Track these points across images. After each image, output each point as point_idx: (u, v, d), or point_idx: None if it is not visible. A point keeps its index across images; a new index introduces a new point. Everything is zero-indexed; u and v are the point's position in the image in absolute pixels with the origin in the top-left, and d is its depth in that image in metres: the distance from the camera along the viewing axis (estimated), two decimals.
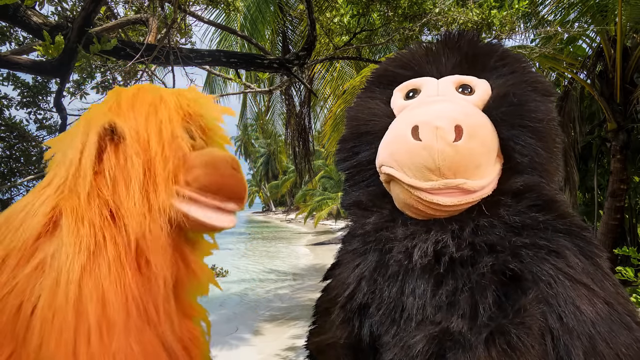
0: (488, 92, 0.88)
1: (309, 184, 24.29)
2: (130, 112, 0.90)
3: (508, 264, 0.74)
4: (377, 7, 4.06)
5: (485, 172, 0.79)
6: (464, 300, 0.74)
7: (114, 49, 2.41)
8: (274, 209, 47.01)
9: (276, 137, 16.55)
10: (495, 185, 0.82)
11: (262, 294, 9.88)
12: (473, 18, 3.81)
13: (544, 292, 0.72)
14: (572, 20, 6.32)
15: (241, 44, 7.20)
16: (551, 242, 0.76)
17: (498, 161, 0.83)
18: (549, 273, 0.73)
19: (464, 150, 0.74)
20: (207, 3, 3.69)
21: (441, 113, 0.77)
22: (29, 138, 3.40)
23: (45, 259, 0.77)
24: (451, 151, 0.74)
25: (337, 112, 8.22)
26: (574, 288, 0.71)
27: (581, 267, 0.74)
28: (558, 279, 0.72)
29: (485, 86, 0.89)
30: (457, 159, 0.74)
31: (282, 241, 21.15)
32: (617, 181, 6.35)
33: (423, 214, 0.82)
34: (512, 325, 0.69)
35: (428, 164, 0.75)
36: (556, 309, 0.70)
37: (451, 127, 0.74)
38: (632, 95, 6.21)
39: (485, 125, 0.80)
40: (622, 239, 6.73)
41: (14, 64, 2.34)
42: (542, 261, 0.74)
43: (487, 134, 0.79)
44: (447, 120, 0.75)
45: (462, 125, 0.75)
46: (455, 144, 0.74)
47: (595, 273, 0.74)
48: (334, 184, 24.44)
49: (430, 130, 0.74)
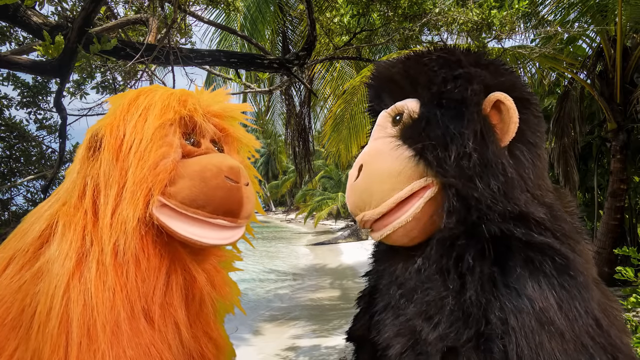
0: (410, 114, 0.85)
1: (309, 184, 24.29)
2: (123, 117, 0.89)
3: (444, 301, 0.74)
4: (377, 7, 4.06)
5: (381, 199, 0.83)
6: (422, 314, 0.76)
7: (114, 49, 2.41)
8: (274, 209, 47.01)
9: (276, 137, 16.57)
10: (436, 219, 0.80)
11: (262, 294, 9.88)
12: (473, 18, 3.81)
13: (498, 329, 0.67)
14: (572, 20, 6.32)
15: (241, 44, 7.20)
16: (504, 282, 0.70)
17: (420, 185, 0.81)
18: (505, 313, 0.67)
19: (357, 187, 0.86)
20: (207, 3, 3.69)
21: (358, 159, 0.90)
22: (29, 138, 3.41)
23: (42, 265, 0.80)
24: (351, 192, 0.88)
25: (337, 112, 8.22)
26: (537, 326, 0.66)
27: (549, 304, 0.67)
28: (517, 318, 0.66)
29: (410, 108, 0.86)
30: (355, 196, 0.87)
31: (282, 241, 21.15)
32: (617, 181, 6.35)
33: None
34: (466, 349, 0.68)
35: (349, 206, 0.91)
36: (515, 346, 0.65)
37: (356, 170, 0.87)
38: (632, 95, 6.21)
39: (380, 155, 0.85)
40: (622, 239, 6.73)
41: (14, 64, 2.34)
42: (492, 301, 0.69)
43: (379, 164, 0.84)
44: (356, 165, 0.88)
45: (363, 163, 0.86)
46: (354, 183, 0.87)
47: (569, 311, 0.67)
48: (334, 184, 24.44)
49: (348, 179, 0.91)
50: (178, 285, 0.87)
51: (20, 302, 0.78)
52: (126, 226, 0.80)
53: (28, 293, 0.78)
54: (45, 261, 0.80)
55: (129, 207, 0.81)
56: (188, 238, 0.85)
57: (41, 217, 0.87)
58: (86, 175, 0.86)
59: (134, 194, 0.82)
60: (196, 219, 0.85)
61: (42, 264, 0.80)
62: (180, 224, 0.84)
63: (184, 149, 0.91)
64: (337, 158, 9.90)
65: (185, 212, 0.84)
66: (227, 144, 1.02)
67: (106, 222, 0.81)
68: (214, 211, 0.86)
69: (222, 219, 0.87)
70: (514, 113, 0.78)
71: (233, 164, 0.90)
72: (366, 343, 0.92)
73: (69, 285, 0.76)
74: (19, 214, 3.31)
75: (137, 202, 0.82)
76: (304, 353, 6.00)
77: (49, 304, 0.75)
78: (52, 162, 3.48)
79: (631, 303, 2.38)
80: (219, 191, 0.86)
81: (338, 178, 24.59)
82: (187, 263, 0.89)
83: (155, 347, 0.79)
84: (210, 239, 0.86)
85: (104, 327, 0.74)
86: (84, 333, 0.73)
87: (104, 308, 0.75)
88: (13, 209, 3.46)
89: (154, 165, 0.84)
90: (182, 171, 0.86)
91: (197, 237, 0.85)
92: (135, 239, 0.81)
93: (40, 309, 0.75)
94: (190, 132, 0.94)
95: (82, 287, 0.76)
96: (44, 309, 0.75)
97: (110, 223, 0.81)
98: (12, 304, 0.78)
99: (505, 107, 0.79)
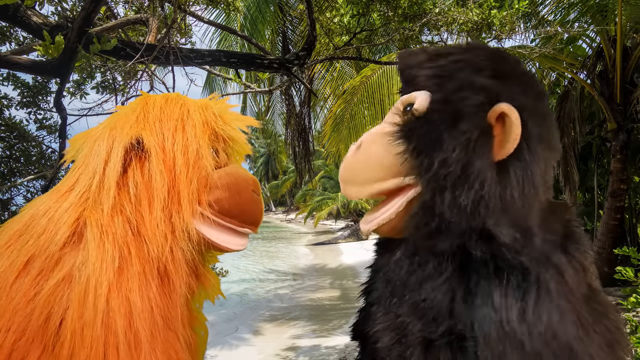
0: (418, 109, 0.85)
1: (309, 184, 24.30)
2: (157, 126, 0.89)
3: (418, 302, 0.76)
4: (377, 7, 4.06)
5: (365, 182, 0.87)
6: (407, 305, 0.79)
7: (114, 49, 2.41)
8: (274, 209, 47.02)
9: (276, 137, 16.56)
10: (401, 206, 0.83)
11: (262, 294, 9.89)
12: (473, 18, 3.81)
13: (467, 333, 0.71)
14: (572, 20, 6.33)
15: (241, 44, 7.21)
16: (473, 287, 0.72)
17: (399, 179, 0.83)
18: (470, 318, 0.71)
19: (348, 161, 0.92)
20: (207, 3, 3.69)
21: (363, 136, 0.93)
22: (29, 138, 3.41)
23: (71, 271, 0.77)
24: (344, 162, 0.94)
25: (337, 112, 8.23)
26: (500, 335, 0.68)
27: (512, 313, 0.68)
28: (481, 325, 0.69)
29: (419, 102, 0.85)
30: (344, 169, 0.93)
31: (282, 241, 21.16)
32: (617, 181, 6.36)
33: None
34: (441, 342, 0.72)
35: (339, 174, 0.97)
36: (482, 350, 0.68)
37: (357, 146, 0.91)
38: (632, 95, 6.22)
39: (377, 141, 0.87)
40: (622, 239, 6.73)
41: (14, 64, 2.34)
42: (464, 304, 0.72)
43: (373, 149, 0.87)
44: (360, 140, 0.92)
45: (362, 143, 0.91)
46: (348, 156, 0.92)
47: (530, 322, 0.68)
48: (334, 184, 24.44)
49: None
50: (190, 290, 0.90)
51: (42, 308, 0.75)
52: (174, 239, 0.84)
53: (54, 299, 0.75)
54: (73, 267, 0.78)
55: (180, 220, 0.85)
56: (217, 244, 0.91)
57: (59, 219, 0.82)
58: (125, 181, 0.84)
59: (184, 206, 0.85)
60: (228, 227, 0.93)
61: (70, 270, 0.77)
62: (216, 233, 0.91)
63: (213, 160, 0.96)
64: (337, 158, 9.90)
65: (220, 221, 0.92)
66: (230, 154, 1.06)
67: (151, 232, 0.82)
68: (244, 221, 0.95)
69: (247, 228, 0.97)
70: (516, 128, 0.76)
71: (253, 177, 1.00)
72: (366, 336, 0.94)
73: (110, 293, 0.75)
74: None
75: (188, 216, 0.85)
76: (304, 353, 6.00)
77: (85, 309, 0.74)
78: (52, 162, 3.48)
79: (631, 303, 2.37)
80: (250, 203, 0.96)
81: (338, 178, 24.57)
82: (201, 268, 0.93)
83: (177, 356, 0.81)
84: (235, 245, 0.95)
85: (143, 334, 0.76)
86: (124, 339, 0.74)
87: (143, 316, 0.77)
88: (13, 209, 3.46)
89: (201, 177, 0.89)
90: (216, 182, 0.92)
91: (226, 243, 0.92)
92: (177, 254, 0.84)
93: (73, 315, 0.74)
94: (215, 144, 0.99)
95: (123, 294, 0.76)
96: (78, 314, 0.74)
97: (155, 236, 0.82)
98: (33, 311, 0.75)
99: (509, 121, 0.77)
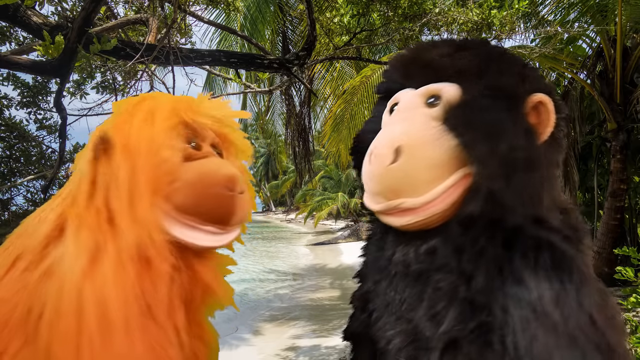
0: (452, 100, 0.84)
1: (309, 184, 24.30)
2: (127, 120, 0.91)
3: (456, 287, 0.75)
4: (377, 7, 4.06)
5: (425, 188, 0.80)
6: (424, 308, 0.77)
7: (114, 49, 2.41)
8: (274, 209, 47.04)
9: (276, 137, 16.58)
10: (459, 204, 0.80)
11: (262, 294, 9.89)
12: (473, 18, 3.81)
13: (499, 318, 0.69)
14: (572, 20, 6.33)
15: (241, 44, 7.21)
16: (511, 271, 0.72)
17: (463, 173, 0.80)
18: (505, 302, 0.70)
19: (397, 172, 0.81)
20: (207, 3, 3.69)
21: (386, 138, 0.85)
22: (29, 138, 3.41)
23: (52, 264, 0.80)
24: (386, 174, 0.82)
25: (337, 112, 8.23)
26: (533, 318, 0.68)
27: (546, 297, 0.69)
28: (515, 307, 0.69)
29: (452, 93, 0.84)
30: (392, 181, 0.82)
31: (282, 241, 21.17)
32: (617, 181, 6.35)
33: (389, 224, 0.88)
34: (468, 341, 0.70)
35: (373, 188, 0.85)
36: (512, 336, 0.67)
37: (390, 151, 0.81)
38: (632, 95, 6.22)
39: (426, 140, 0.81)
40: (622, 239, 6.73)
41: (14, 64, 2.34)
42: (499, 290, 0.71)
43: (425, 150, 0.80)
44: (388, 145, 0.82)
45: (402, 146, 0.81)
46: (390, 166, 0.81)
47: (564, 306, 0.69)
48: (334, 184, 24.46)
49: (375, 157, 0.84)
50: (182, 287, 0.87)
51: (25, 301, 0.78)
52: (143, 226, 0.82)
53: (35, 292, 0.78)
54: (54, 260, 0.80)
55: (144, 207, 0.83)
56: (185, 240, 0.86)
57: (46, 218, 0.87)
58: (95, 175, 0.87)
59: (146, 195, 0.84)
60: (187, 224, 0.87)
61: (51, 263, 0.80)
62: (177, 228, 0.86)
63: (185, 152, 0.92)
64: (337, 158, 9.91)
65: (179, 218, 0.86)
66: (225, 149, 1.04)
67: (123, 221, 0.82)
68: (204, 219, 0.87)
69: (211, 226, 0.88)
70: (552, 116, 0.79)
71: (229, 172, 0.91)
72: (364, 342, 0.92)
73: (83, 281, 0.76)
74: (19, 214, 3.31)
75: (148, 204, 0.84)
76: (304, 353, 6.00)
77: (61, 300, 0.76)
78: (52, 162, 3.48)
79: (631, 303, 2.37)
80: (210, 200, 0.87)
81: (338, 178, 24.60)
82: (194, 264, 0.90)
83: (161, 346, 0.80)
84: (202, 241, 0.88)
85: (117, 322, 0.75)
86: (96, 328, 0.74)
87: (117, 304, 0.76)
88: (13, 209, 3.46)
89: (160, 169, 0.86)
90: (180, 176, 0.88)
91: (190, 238, 0.86)
92: (149, 240, 0.82)
93: (50, 307, 0.76)
94: (192, 136, 0.96)
95: (97, 283, 0.77)
96: (54, 306, 0.76)
97: (127, 222, 0.82)
98: (17, 304, 0.78)
99: (546, 110, 0.80)
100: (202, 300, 0.93)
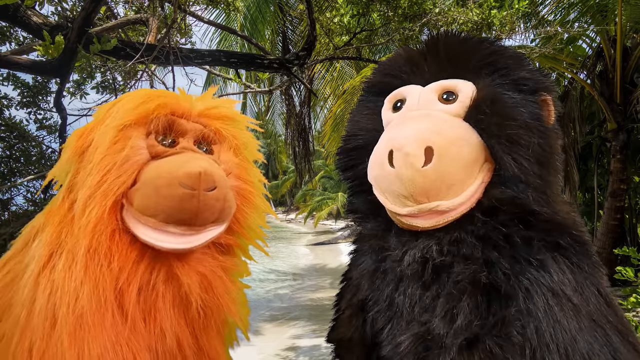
0: (471, 96, 0.83)
1: (309, 184, 24.29)
2: (101, 121, 0.92)
3: (479, 275, 0.74)
4: (377, 7, 4.06)
5: (461, 188, 0.78)
6: (441, 305, 0.76)
7: (114, 49, 2.41)
8: (274, 209, 47.05)
9: (276, 137, 16.57)
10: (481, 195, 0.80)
11: (262, 294, 9.88)
12: (473, 18, 3.81)
13: (522, 304, 0.70)
14: (572, 20, 6.32)
15: (241, 44, 7.20)
16: (532, 256, 0.73)
17: (486, 168, 0.81)
18: (527, 286, 0.70)
19: (432, 175, 0.76)
20: (207, 3, 3.69)
21: (412, 136, 0.78)
22: (29, 138, 3.40)
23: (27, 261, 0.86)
24: (420, 177, 0.76)
25: (337, 112, 8.22)
26: (555, 302, 0.69)
27: (567, 281, 0.70)
28: (537, 292, 0.69)
29: (469, 90, 0.84)
30: (427, 184, 0.76)
31: (282, 241, 21.14)
32: (617, 181, 6.35)
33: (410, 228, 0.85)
34: (488, 336, 0.69)
35: (402, 191, 0.78)
36: (534, 322, 0.68)
37: (421, 151, 0.76)
38: (632, 95, 6.22)
39: (459, 139, 0.79)
40: (622, 239, 6.73)
41: (14, 64, 2.34)
42: (521, 275, 0.72)
43: (460, 150, 0.78)
44: (417, 143, 0.77)
45: (433, 146, 0.76)
46: (424, 169, 0.76)
47: (584, 288, 0.71)
48: (334, 184, 24.43)
49: (401, 158, 0.77)
50: (168, 288, 0.84)
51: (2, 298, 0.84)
52: (91, 225, 0.81)
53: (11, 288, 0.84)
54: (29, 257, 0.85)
55: (94, 207, 0.82)
56: (147, 241, 0.83)
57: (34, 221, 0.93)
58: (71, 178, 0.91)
59: (96, 196, 0.83)
60: (148, 225, 0.83)
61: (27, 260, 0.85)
62: (141, 228, 0.83)
63: (152, 150, 0.88)
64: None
65: (138, 219, 0.83)
66: (217, 143, 0.99)
67: (78, 220, 0.84)
68: (165, 220, 0.82)
69: (173, 228, 0.83)
70: (554, 115, 0.85)
71: (191, 169, 0.82)
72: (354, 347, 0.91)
73: (40, 274, 0.79)
74: (19, 214, 3.31)
75: (101, 203, 0.82)
76: (304, 353, 6.00)
77: (20, 293, 0.80)
78: (52, 162, 3.48)
79: (631, 303, 2.37)
80: (168, 201, 0.81)
81: (338, 178, 24.54)
82: (171, 264, 0.86)
83: (128, 346, 0.78)
84: (168, 243, 0.83)
85: (68, 316, 0.75)
86: (47, 321, 0.76)
87: (68, 298, 0.76)
88: (13, 209, 3.45)
89: (114, 168, 0.83)
90: (141, 175, 0.85)
91: (155, 240, 0.82)
92: (105, 237, 0.81)
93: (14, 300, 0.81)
94: (167, 132, 0.91)
95: (51, 276, 0.79)
96: (17, 299, 0.80)
97: (81, 221, 0.83)
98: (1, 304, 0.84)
99: (549, 109, 0.85)
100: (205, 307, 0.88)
